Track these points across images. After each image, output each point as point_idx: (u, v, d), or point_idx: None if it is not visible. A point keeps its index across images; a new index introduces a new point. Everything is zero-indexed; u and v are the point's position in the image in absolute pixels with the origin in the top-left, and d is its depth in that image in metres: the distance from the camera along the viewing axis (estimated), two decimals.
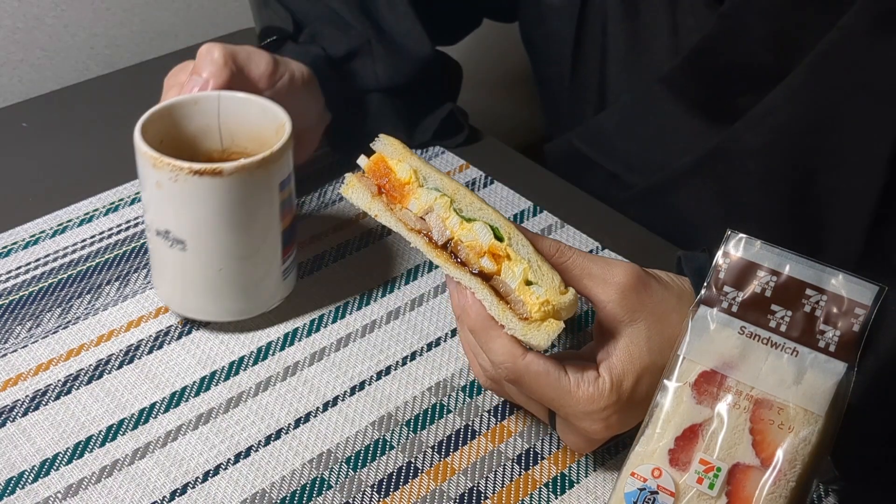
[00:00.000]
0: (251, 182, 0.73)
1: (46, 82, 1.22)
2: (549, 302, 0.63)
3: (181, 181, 0.72)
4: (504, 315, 0.64)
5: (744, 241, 0.62)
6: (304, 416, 0.74)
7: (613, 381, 0.63)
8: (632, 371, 0.64)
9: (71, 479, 0.69)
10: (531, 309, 0.63)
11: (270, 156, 0.74)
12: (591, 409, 0.63)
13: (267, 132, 0.78)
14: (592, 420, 0.64)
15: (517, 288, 0.64)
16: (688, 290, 0.66)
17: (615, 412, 0.64)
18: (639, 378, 0.64)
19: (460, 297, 0.65)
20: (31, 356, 0.78)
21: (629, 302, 0.64)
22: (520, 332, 0.63)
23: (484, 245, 0.65)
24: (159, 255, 0.78)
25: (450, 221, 0.66)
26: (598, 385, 0.63)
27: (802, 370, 0.59)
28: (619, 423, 0.64)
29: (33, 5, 1.18)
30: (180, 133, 0.79)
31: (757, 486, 0.58)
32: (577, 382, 0.63)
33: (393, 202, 0.68)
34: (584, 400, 0.63)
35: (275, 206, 0.76)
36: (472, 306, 0.64)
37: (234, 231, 0.75)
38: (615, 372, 0.63)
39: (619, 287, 0.64)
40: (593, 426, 0.64)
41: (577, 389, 0.63)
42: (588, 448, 0.68)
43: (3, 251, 0.87)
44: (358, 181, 0.69)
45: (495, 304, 0.64)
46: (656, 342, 0.64)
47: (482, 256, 0.65)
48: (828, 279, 0.60)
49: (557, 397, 0.64)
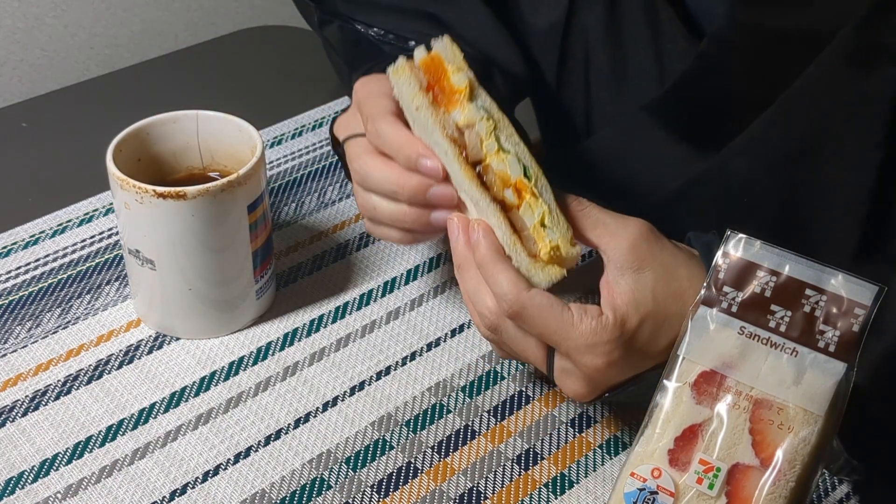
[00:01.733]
0: (216, 205, 0.73)
1: (46, 82, 1.22)
2: (559, 248, 0.65)
3: (147, 203, 0.72)
4: (514, 246, 0.65)
5: (743, 241, 0.62)
6: (303, 416, 0.74)
7: (617, 318, 0.63)
8: (635, 314, 0.64)
9: (71, 480, 0.69)
10: (541, 249, 0.65)
11: (236, 179, 0.73)
12: (593, 341, 0.63)
13: (243, 152, 0.78)
14: (595, 354, 0.63)
15: (533, 227, 0.65)
16: (697, 256, 0.67)
17: (617, 347, 0.63)
18: (642, 322, 0.64)
19: (470, 233, 0.66)
20: (30, 356, 0.78)
21: (639, 252, 0.64)
22: (524, 267, 0.65)
23: (512, 178, 0.66)
24: (133, 273, 0.78)
25: (487, 144, 0.66)
26: (601, 320, 0.63)
27: (802, 370, 0.59)
28: (620, 362, 0.64)
29: (33, 5, 1.18)
30: (160, 151, 0.80)
31: (756, 487, 0.58)
32: (580, 317, 0.63)
33: (437, 105, 0.68)
34: (587, 332, 0.63)
35: (243, 228, 0.76)
36: (484, 240, 0.66)
37: (201, 253, 0.75)
38: (619, 312, 0.64)
39: (629, 238, 0.65)
40: (595, 361, 0.64)
41: (580, 323, 0.63)
42: (586, 394, 0.67)
43: (2, 251, 0.87)
44: (409, 70, 0.69)
45: (508, 233, 0.65)
46: (661, 292, 0.64)
47: (507, 188, 0.66)
48: (827, 279, 0.60)
49: (559, 330, 0.63)
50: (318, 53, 1.02)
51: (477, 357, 0.79)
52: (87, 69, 1.25)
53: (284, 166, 0.97)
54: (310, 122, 1.03)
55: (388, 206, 0.72)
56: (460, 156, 0.67)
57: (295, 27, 1.20)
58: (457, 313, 0.82)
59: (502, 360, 0.79)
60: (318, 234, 0.90)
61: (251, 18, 1.36)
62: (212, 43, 1.19)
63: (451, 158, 0.67)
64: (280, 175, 0.96)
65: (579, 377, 0.66)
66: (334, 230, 0.90)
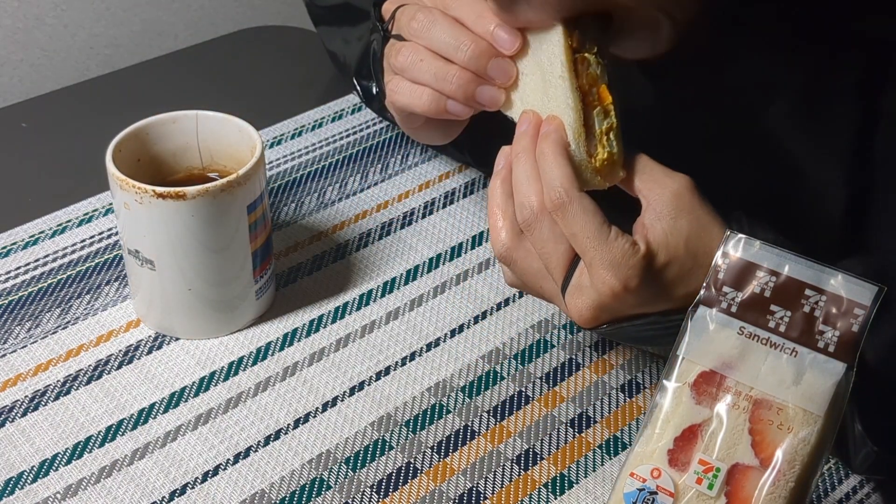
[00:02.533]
0: (216, 205, 0.73)
1: (46, 82, 1.22)
2: (615, 162, 0.66)
3: (146, 203, 0.72)
4: (580, 137, 0.66)
5: (743, 241, 0.62)
6: (303, 416, 0.74)
7: (649, 250, 0.64)
8: (665, 253, 0.64)
9: (70, 480, 0.69)
10: (598, 154, 0.66)
11: (236, 179, 0.73)
12: (620, 261, 0.63)
13: (243, 152, 0.78)
14: (616, 273, 0.63)
15: (600, 132, 0.66)
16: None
17: (638, 276, 0.63)
18: (669, 262, 0.64)
19: (544, 125, 0.66)
20: (30, 356, 0.78)
21: (680, 202, 0.65)
22: (578, 159, 0.66)
23: (601, 81, 0.67)
24: (132, 273, 0.78)
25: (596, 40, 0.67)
26: (633, 247, 0.64)
27: (802, 370, 0.59)
28: (636, 291, 0.64)
29: (33, 5, 1.18)
30: (159, 151, 0.80)
31: (756, 487, 0.58)
32: (616, 235, 0.64)
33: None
34: (616, 251, 0.63)
35: (243, 229, 0.76)
36: (555, 132, 0.66)
37: (200, 253, 0.75)
38: (652, 246, 0.64)
39: (674, 187, 0.65)
40: (613, 280, 0.63)
41: (615, 240, 0.63)
42: (591, 318, 0.66)
43: (2, 251, 0.87)
44: None
45: (580, 122, 0.66)
46: (694, 242, 0.64)
47: (593, 87, 0.66)
48: (827, 279, 0.60)
49: (593, 238, 0.63)
50: (318, 53, 1.02)
51: (477, 357, 0.79)
52: (87, 69, 1.25)
53: (284, 166, 0.97)
54: (309, 122, 1.03)
55: (438, 62, 0.69)
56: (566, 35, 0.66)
57: (295, 27, 1.20)
58: (457, 313, 0.82)
59: (502, 363, 0.79)
60: (317, 234, 0.90)
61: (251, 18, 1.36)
62: (212, 43, 1.19)
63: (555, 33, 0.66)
64: (280, 175, 0.96)
65: (590, 295, 0.65)
66: (334, 230, 0.90)
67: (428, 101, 0.70)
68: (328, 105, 1.05)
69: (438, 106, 0.70)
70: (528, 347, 0.80)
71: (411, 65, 0.70)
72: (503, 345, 0.80)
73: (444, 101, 0.70)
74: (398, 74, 0.72)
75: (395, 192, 0.94)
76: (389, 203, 0.93)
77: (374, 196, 0.94)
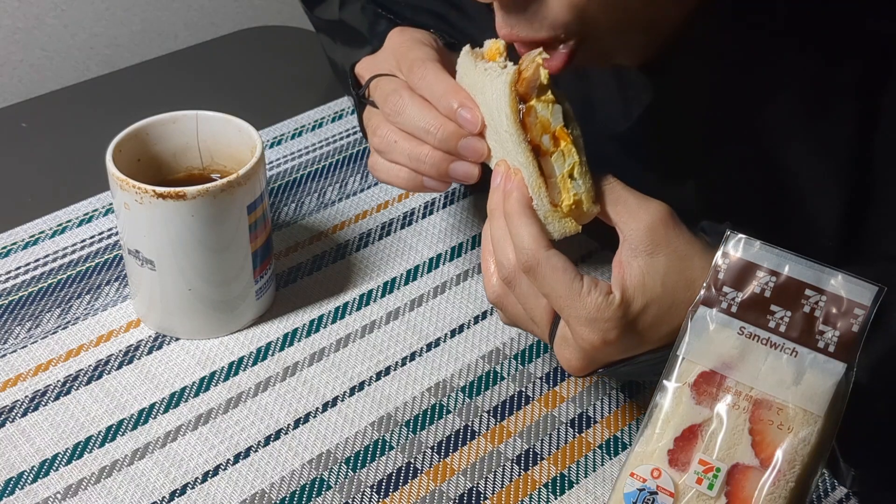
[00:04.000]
0: (216, 205, 0.73)
1: (46, 82, 1.22)
2: (581, 203, 0.65)
3: (146, 203, 0.72)
4: (539, 190, 0.65)
5: (743, 241, 0.62)
6: (303, 416, 0.74)
7: (623, 299, 0.63)
8: (641, 297, 0.64)
9: (70, 480, 0.69)
10: (564, 200, 0.65)
11: (236, 179, 0.74)
12: (595, 316, 0.63)
13: (243, 152, 0.78)
14: (593, 329, 0.63)
15: (561, 176, 0.66)
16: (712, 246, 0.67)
17: (616, 328, 0.63)
18: (647, 306, 0.64)
19: (506, 182, 0.66)
20: (30, 356, 0.78)
21: (655, 235, 0.64)
22: (543, 213, 0.66)
23: (553, 125, 0.66)
24: (132, 273, 0.78)
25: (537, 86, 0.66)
26: (607, 298, 0.63)
27: (802, 370, 0.59)
28: (616, 342, 0.64)
29: (33, 5, 1.18)
30: (159, 151, 0.80)
31: (756, 487, 0.58)
32: (588, 288, 0.64)
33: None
34: (590, 306, 0.63)
35: (243, 229, 0.76)
36: (517, 189, 0.66)
37: (201, 253, 0.75)
38: (627, 293, 0.64)
39: (648, 220, 0.65)
40: (591, 336, 0.64)
41: (588, 295, 0.63)
42: (580, 367, 0.66)
43: (2, 251, 0.87)
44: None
45: (535, 175, 0.65)
46: (672, 279, 0.64)
47: (546, 134, 0.66)
48: (827, 279, 0.60)
49: (566, 296, 0.64)
50: (317, 54, 1.02)
51: (477, 357, 0.79)
52: (87, 69, 1.25)
53: (284, 167, 0.97)
54: (309, 122, 1.03)
55: (411, 144, 0.72)
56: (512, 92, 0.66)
57: (295, 27, 1.20)
58: (457, 313, 0.82)
59: (502, 363, 0.79)
60: (317, 234, 0.90)
61: (251, 18, 1.37)
62: (212, 43, 1.19)
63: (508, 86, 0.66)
64: (280, 175, 0.96)
65: (576, 349, 0.65)
66: (334, 230, 0.90)
67: (406, 179, 0.74)
68: (328, 105, 1.05)
69: (416, 183, 0.74)
70: (529, 347, 0.80)
71: (387, 147, 0.73)
72: (503, 345, 0.80)
73: (420, 178, 0.73)
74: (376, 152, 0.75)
75: (395, 192, 0.94)
76: (389, 203, 0.93)
77: (374, 196, 0.94)
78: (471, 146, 0.70)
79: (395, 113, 0.72)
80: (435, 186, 0.74)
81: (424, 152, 0.71)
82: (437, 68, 0.71)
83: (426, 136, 0.71)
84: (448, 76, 0.71)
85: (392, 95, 0.73)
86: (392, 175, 0.75)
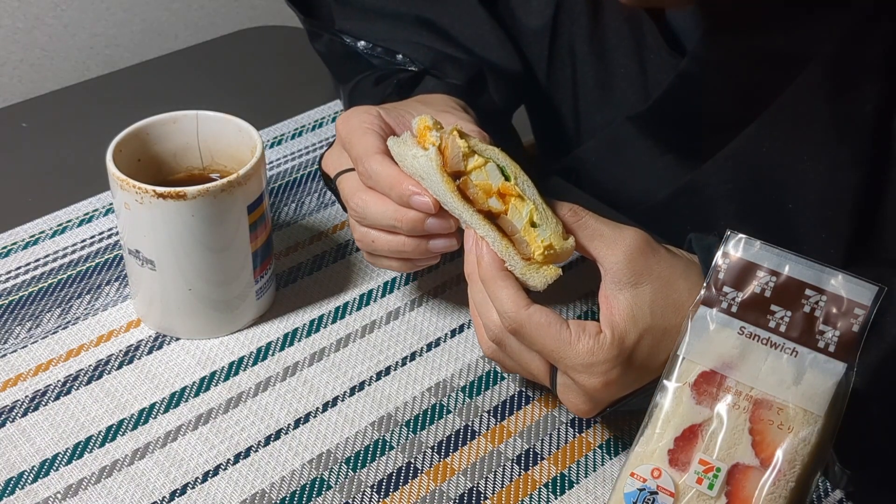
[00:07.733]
0: (216, 205, 0.73)
1: (46, 82, 1.22)
2: (553, 246, 0.65)
3: (146, 203, 0.72)
4: (507, 252, 0.66)
5: (743, 241, 0.62)
6: (303, 416, 0.74)
7: (615, 336, 0.63)
8: (633, 330, 0.64)
9: (70, 480, 0.69)
10: (535, 251, 0.65)
11: (236, 179, 0.74)
12: (590, 360, 0.63)
13: (243, 152, 0.78)
14: (591, 374, 0.64)
15: (523, 228, 0.66)
16: (696, 262, 0.66)
17: (615, 367, 0.63)
18: (640, 337, 0.64)
19: (476, 248, 0.67)
20: (30, 356, 0.78)
21: (636, 265, 0.64)
22: (519, 271, 0.66)
23: (494, 186, 0.66)
24: (133, 273, 0.78)
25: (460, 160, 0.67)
26: (598, 339, 0.64)
27: (802, 370, 0.59)
28: (618, 380, 0.64)
29: (33, 5, 1.18)
30: (160, 151, 0.80)
31: (756, 487, 0.58)
32: (577, 335, 0.64)
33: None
34: (583, 352, 0.63)
35: (243, 229, 0.76)
36: (486, 255, 0.66)
37: (201, 253, 0.75)
38: (617, 330, 0.64)
39: (626, 250, 0.65)
40: (591, 380, 0.64)
41: (578, 342, 0.64)
42: (588, 410, 0.67)
43: (2, 251, 0.87)
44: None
45: (499, 240, 0.66)
46: (660, 305, 0.64)
47: (491, 197, 0.66)
48: (827, 279, 0.60)
49: (558, 348, 0.64)
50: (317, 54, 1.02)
51: (477, 357, 0.79)
52: (87, 69, 1.25)
53: (284, 166, 0.97)
54: (309, 122, 1.03)
55: (388, 239, 0.73)
56: (443, 175, 0.67)
57: (295, 27, 1.20)
58: (457, 313, 0.82)
59: None
60: (317, 234, 0.90)
61: (251, 18, 1.37)
62: (212, 43, 1.19)
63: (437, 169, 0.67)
64: (280, 175, 0.96)
65: (580, 394, 0.66)
66: (334, 230, 0.90)
67: (399, 267, 0.76)
68: (328, 105, 1.05)
69: (410, 266, 0.76)
70: None
71: (368, 246, 0.75)
72: None
73: (411, 262, 0.75)
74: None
75: None
76: None
77: None
78: (437, 226, 0.71)
79: (361, 216, 0.74)
80: (429, 261, 0.75)
81: (401, 242, 0.73)
82: (380, 160, 0.71)
83: (396, 229, 0.72)
84: (392, 165, 0.71)
85: (352, 199, 0.74)
86: (386, 266, 0.76)
